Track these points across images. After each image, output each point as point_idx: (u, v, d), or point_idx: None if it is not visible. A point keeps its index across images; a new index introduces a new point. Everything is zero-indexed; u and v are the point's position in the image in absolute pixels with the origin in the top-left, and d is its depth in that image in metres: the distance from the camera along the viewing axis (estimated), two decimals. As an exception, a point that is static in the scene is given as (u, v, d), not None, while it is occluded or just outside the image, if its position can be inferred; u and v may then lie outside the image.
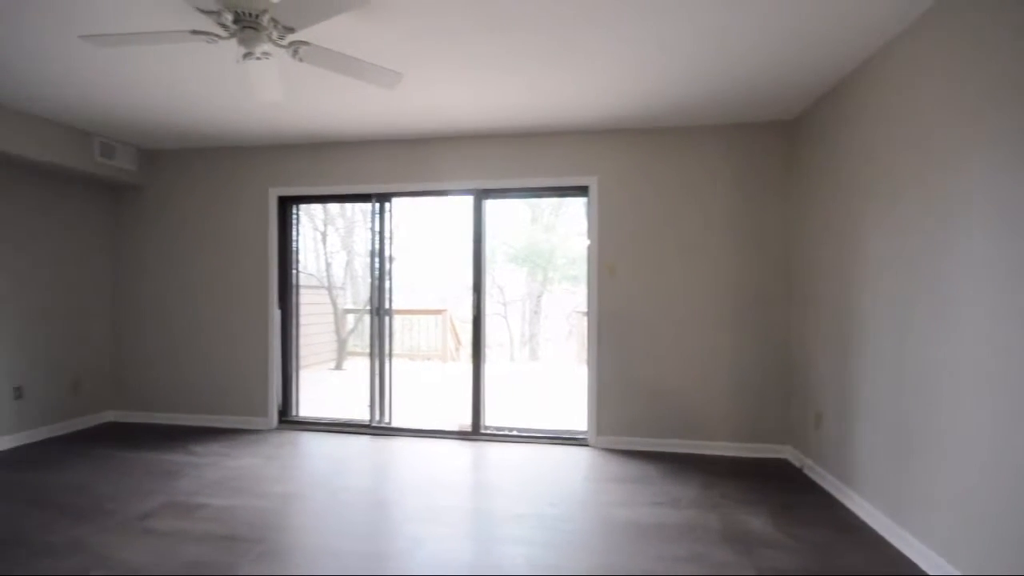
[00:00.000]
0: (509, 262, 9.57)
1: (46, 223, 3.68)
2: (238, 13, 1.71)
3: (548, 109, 3.14)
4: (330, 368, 7.19)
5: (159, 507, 2.54)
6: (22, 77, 2.69)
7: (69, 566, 2.00)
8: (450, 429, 3.82)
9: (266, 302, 3.95)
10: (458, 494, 2.76)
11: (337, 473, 3.06)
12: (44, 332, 3.67)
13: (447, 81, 2.72)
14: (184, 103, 3.07)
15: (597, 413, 3.53)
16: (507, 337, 10.02)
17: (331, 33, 2.14)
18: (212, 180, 4.05)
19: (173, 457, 3.29)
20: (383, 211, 3.89)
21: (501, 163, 3.65)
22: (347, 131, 3.59)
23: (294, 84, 2.73)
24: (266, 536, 2.27)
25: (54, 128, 3.39)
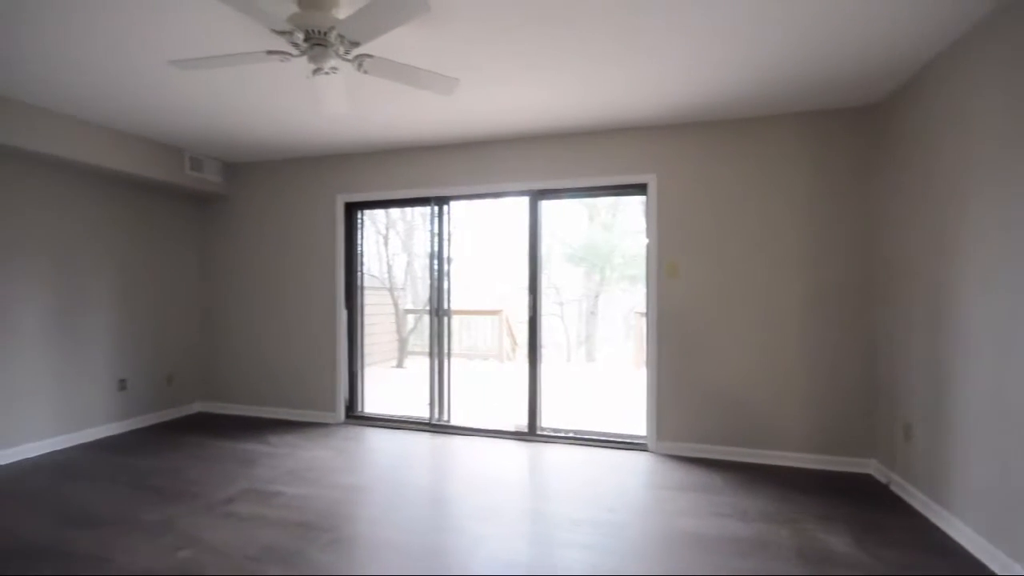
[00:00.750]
0: (566, 262, 9.50)
1: (143, 231, 4.08)
2: (308, 31, 1.81)
3: (604, 106, 3.09)
4: (391, 366, 7.47)
5: (240, 493, 2.74)
6: (122, 101, 3.00)
7: (162, 543, 2.21)
8: (507, 429, 3.84)
9: (334, 303, 4.17)
10: (515, 494, 2.77)
11: (399, 468, 3.16)
12: (143, 330, 4.08)
13: (502, 83, 2.74)
14: (261, 119, 3.30)
15: (657, 417, 3.42)
16: (563, 338, 9.96)
17: (390, 44, 2.22)
18: (286, 189, 4.32)
19: (252, 447, 3.54)
20: (441, 214, 3.99)
21: (556, 163, 3.63)
22: (407, 137, 3.71)
23: (358, 95, 2.86)
24: (335, 525, 2.39)
25: (151, 145, 3.75)
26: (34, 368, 3.35)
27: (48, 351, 3.43)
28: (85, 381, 3.66)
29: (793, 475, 3.02)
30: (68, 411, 3.55)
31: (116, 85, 2.76)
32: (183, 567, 2.02)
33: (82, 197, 3.62)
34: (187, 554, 2.11)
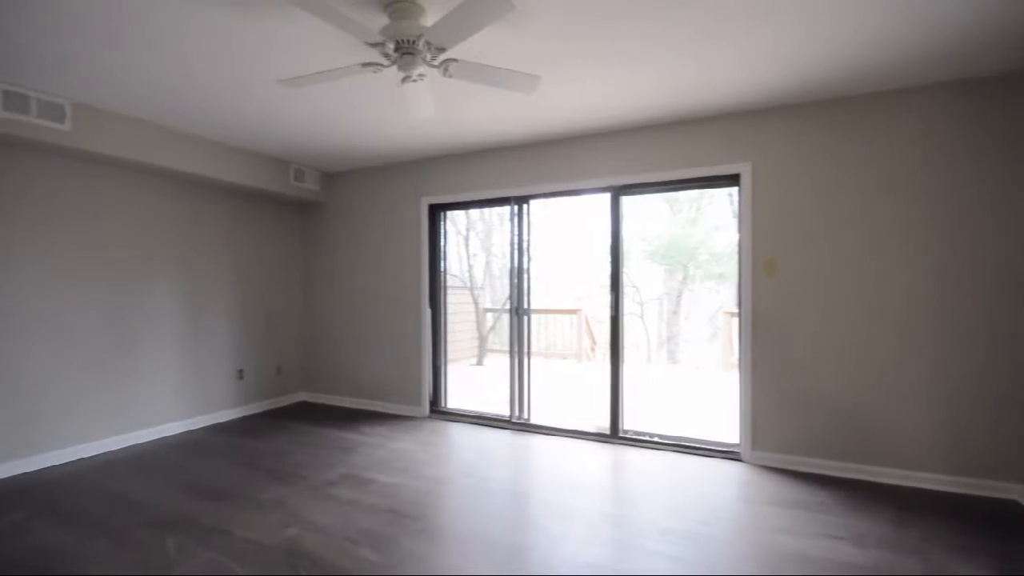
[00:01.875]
0: (646, 260, 9.17)
1: (255, 237, 4.53)
2: (398, 41, 1.90)
3: (691, 94, 2.92)
4: (472, 364, 7.67)
5: (339, 478, 2.95)
6: (239, 120, 3.34)
7: (273, 520, 2.42)
8: (587, 430, 3.78)
9: (419, 302, 4.36)
10: (597, 497, 2.72)
11: (482, 463, 3.23)
12: (256, 326, 4.53)
13: (584, 78, 2.69)
14: (354, 129, 3.52)
15: (753, 425, 3.19)
16: (644, 338, 9.64)
17: (473, 47, 2.26)
18: (376, 194, 4.59)
19: (348, 435, 3.80)
20: (521, 213, 4.01)
21: (639, 157, 3.51)
22: (487, 138, 3.78)
23: (442, 99, 2.95)
24: (423, 515, 2.49)
25: (263, 160, 4.16)
26: (171, 359, 3.85)
27: (181, 345, 3.93)
28: (210, 371, 4.14)
29: (917, 497, 2.66)
30: (197, 397, 4.04)
31: (233, 105, 3.08)
32: (291, 543, 2.20)
33: (204, 210, 4.09)
34: (294, 531, 2.31)
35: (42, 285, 3.13)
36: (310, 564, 2.04)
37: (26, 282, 3.06)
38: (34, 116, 2.76)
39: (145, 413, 3.68)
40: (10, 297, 2.99)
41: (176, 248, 3.88)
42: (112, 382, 3.49)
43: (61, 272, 3.21)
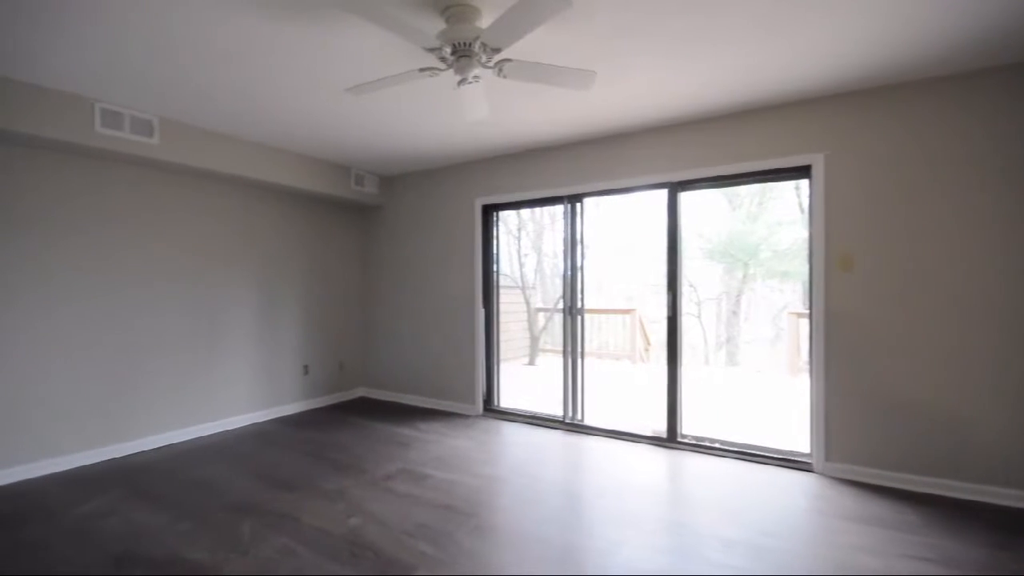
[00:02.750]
0: (704, 258, 8.82)
1: (318, 240, 4.76)
2: (455, 44, 1.92)
3: (754, 84, 2.77)
4: (524, 363, 7.68)
5: (397, 472, 3.04)
6: (302, 128, 3.52)
7: (337, 509, 2.53)
8: (643, 433, 3.68)
9: (473, 301, 4.41)
10: (654, 503, 2.64)
11: (535, 463, 3.22)
12: (320, 323, 4.76)
13: (640, 72, 2.62)
14: (411, 133, 3.61)
15: (826, 434, 2.98)
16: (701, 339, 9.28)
17: (527, 46, 2.25)
18: (431, 196, 4.69)
19: (405, 431, 3.91)
20: (574, 212, 3.97)
21: (698, 151, 3.37)
22: (541, 137, 3.76)
23: (496, 99, 2.97)
24: (478, 512, 2.51)
25: (325, 166, 4.36)
26: (246, 357, 4.12)
27: (256, 343, 4.19)
28: (280, 367, 4.40)
29: (1018, 519, 2.39)
30: (267, 391, 4.30)
31: (300, 115, 3.25)
32: (353, 533, 2.29)
33: (273, 215, 4.35)
34: (356, 522, 2.40)
35: (143, 285, 3.43)
36: (371, 555, 2.11)
37: (129, 283, 3.37)
38: (127, 132, 3.04)
39: (223, 405, 3.96)
40: (119, 297, 3.30)
41: (251, 252, 4.14)
42: (197, 377, 3.78)
43: (159, 274, 3.52)
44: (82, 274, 3.17)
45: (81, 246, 3.16)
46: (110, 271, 3.30)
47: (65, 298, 3.10)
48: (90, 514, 2.49)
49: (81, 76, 2.62)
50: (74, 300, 3.14)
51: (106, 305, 3.29)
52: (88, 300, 3.20)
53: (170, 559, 2.09)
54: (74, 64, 2.49)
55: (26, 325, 2.95)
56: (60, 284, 3.08)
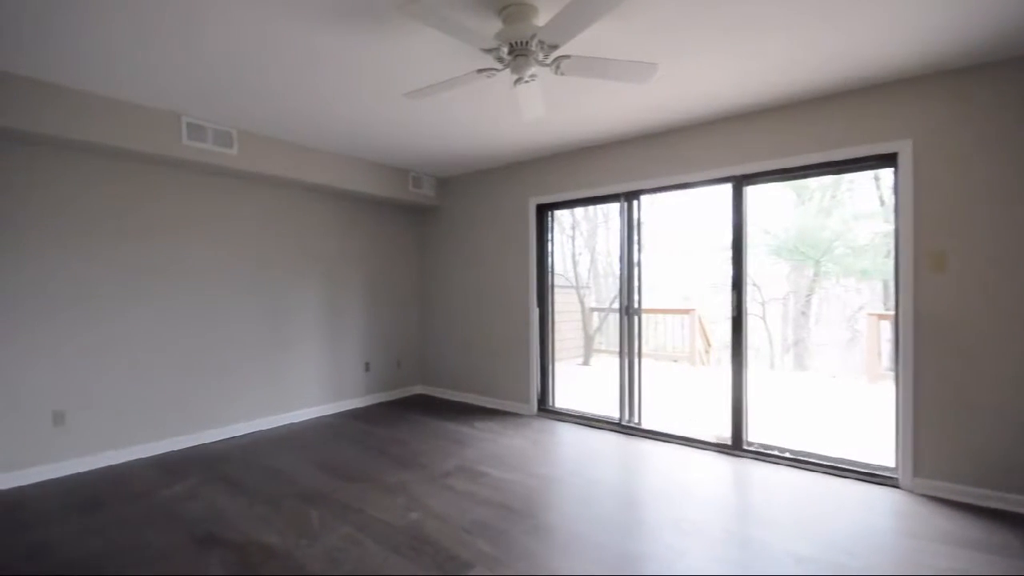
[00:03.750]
0: (770, 255, 8.34)
1: (378, 241, 4.93)
2: (512, 44, 1.92)
3: (831, 66, 2.57)
4: (578, 363, 7.60)
5: (454, 469, 3.09)
6: (364, 134, 3.65)
7: (398, 503, 2.60)
8: (705, 439, 3.52)
9: (527, 301, 4.41)
10: (719, 513, 2.51)
11: (591, 465, 3.17)
12: (380, 322, 4.93)
13: (702, 61, 2.50)
14: (466, 134, 3.66)
15: (915, 447, 2.73)
16: (766, 341, 8.78)
17: (585, 42, 2.21)
18: (485, 196, 4.74)
19: (461, 428, 3.97)
20: (631, 209, 3.87)
21: (766, 142, 3.18)
22: (596, 134, 3.70)
23: (552, 97, 2.94)
24: (535, 512, 2.50)
25: (385, 170, 4.51)
26: (314, 353, 4.34)
27: (319, 339, 4.41)
28: (344, 363, 4.60)
29: None
30: (332, 386, 4.51)
31: (363, 122, 3.37)
32: (414, 527, 2.35)
33: (338, 218, 4.55)
34: (416, 516, 2.46)
35: (219, 287, 3.71)
36: (431, 549, 2.15)
37: (206, 285, 3.64)
38: (210, 144, 3.28)
39: (292, 399, 4.20)
40: (197, 298, 3.58)
41: (316, 253, 4.36)
42: (269, 372, 4.03)
43: (233, 276, 3.78)
44: (164, 278, 3.46)
45: (163, 252, 3.45)
46: (188, 274, 3.58)
47: (148, 299, 3.39)
48: (174, 497, 2.71)
49: (171, 93, 2.86)
50: (156, 301, 3.43)
51: (186, 306, 3.57)
52: (170, 301, 3.49)
53: (247, 542, 2.23)
54: (167, 82, 2.71)
55: (112, 324, 3.25)
56: (143, 287, 3.37)
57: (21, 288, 2.87)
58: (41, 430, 2.93)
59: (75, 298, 3.06)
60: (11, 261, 2.83)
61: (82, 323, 3.08)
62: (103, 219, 3.16)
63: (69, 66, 2.51)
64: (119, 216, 3.22)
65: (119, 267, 3.23)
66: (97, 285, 3.14)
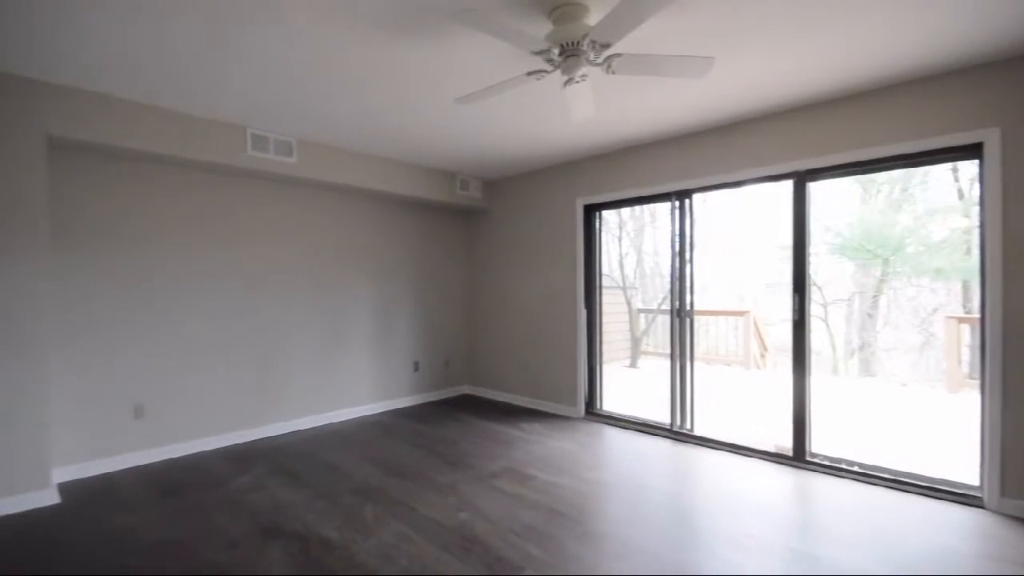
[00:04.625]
0: (832, 254, 7.86)
1: (426, 243, 5.03)
2: (563, 45, 1.90)
3: (903, 53, 2.39)
4: (625, 366, 7.46)
5: (502, 470, 3.10)
6: (415, 140, 3.73)
7: (448, 502, 2.64)
8: (764, 449, 3.36)
9: (575, 302, 4.37)
10: (780, 528, 2.39)
11: (643, 472, 3.09)
12: (429, 322, 5.03)
13: (762, 53, 2.39)
14: (514, 136, 3.67)
15: (1003, 464, 2.49)
16: (828, 345, 8.28)
17: (637, 38, 2.16)
18: (532, 197, 4.74)
19: (508, 430, 3.98)
20: (682, 209, 3.75)
21: (830, 135, 3.00)
22: (646, 132, 3.61)
23: (602, 96, 2.90)
24: (584, 518, 2.47)
25: (433, 173, 4.60)
26: (365, 353, 4.49)
27: (373, 340, 4.55)
28: (393, 362, 4.73)
29: None
30: (382, 384, 4.64)
31: (414, 128, 3.45)
32: (463, 527, 2.37)
33: (388, 222, 4.68)
34: (466, 516, 2.48)
35: (279, 290, 3.90)
36: (481, 550, 2.17)
37: (267, 287, 3.84)
38: (272, 153, 3.46)
39: (346, 396, 4.35)
40: (259, 299, 3.79)
41: (367, 256, 4.51)
42: (325, 371, 4.20)
43: (292, 280, 3.97)
44: (231, 281, 3.67)
45: (229, 256, 3.66)
46: (253, 278, 3.78)
47: (217, 301, 3.61)
48: (242, 487, 2.87)
49: (239, 107, 3.04)
50: (224, 303, 3.65)
51: (250, 307, 3.77)
52: (236, 303, 3.70)
53: (308, 534, 2.32)
54: (236, 97, 2.88)
55: (185, 324, 3.48)
56: (212, 290, 3.59)
57: (106, 291, 3.13)
58: (124, 421, 3.19)
59: (152, 300, 3.30)
60: (99, 266, 3.09)
61: (159, 324, 3.32)
62: (176, 226, 3.39)
63: (152, 84, 2.71)
64: (191, 223, 3.45)
65: (191, 271, 3.46)
66: (171, 288, 3.38)
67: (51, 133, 2.67)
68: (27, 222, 2.59)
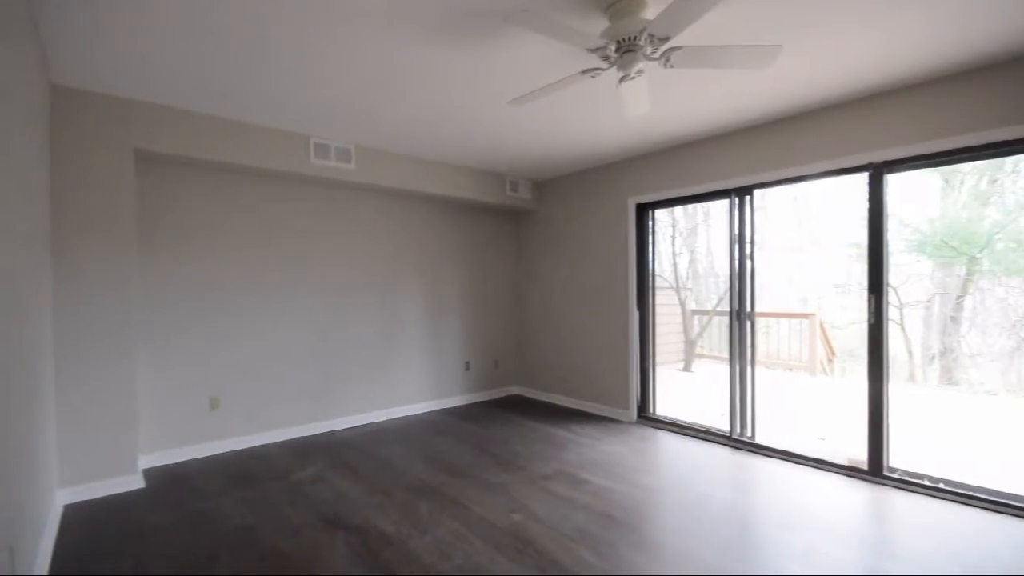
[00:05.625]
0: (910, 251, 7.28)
1: (477, 244, 5.08)
2: (619, 41, 1.86)
3: (995, 29, 2.16)
4: (678, 369, 7.22)
5: (554, 472, 3.07)
6: (467, 143, 3.78)
7: (500, 503, 2.65)
8: (834, 461, 3.15)
9: (626, 303, 4.28)
10: (855, 548, 2.22)
11: (700, 480, 2.98)
12: (479, 323, 5.09)
13: (833, 37, 2.24)
14: (564, 136, 3.64)
15: (1123, 488, 2.20)
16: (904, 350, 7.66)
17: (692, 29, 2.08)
18: (582, 198, 4.68)
19: (559, 432, 3.95)
20: (742, 206, 3.58)
21: (911, 124, 2.77)
22: (701, 128, 3.48)
23: (655, 92, 2.81)
24: (640, 525, 2.40)
25: (484, 175, 4.64)
26: (418, 352, 4.60)
27: (426, 340, 4.65)
28: (445, 362, 4.81)
29: None
30: (435, 384, 4.74)
31: (467, 132, 3.50)
32: (516, 528, 2.37)
33: (440, 224, 4.77)
34: (519, 518, 2.48)
35: (337, 292, 4.07)
36: (534, 552, 2.16)
37: (327, 290, 4.02)
38: (333, 161, 3.61)
39: (399, 395, 4.48)
40: (331, 302, 3.97)
41: (420, 258, 4.61)
42: (381, 370, 4.34)
43: (349, 283, 4.13)
44: (296, 284, 3.87)
45: (293, 260, 3.85)
46: (316, 281, 3.96)
47: (284, 303, 3.81)
48: (306, 479, 3.00)
49: (303, 117, 3.19)
50: (290, 304, 3.84)
51: (314, 308, 3.95)
52: (302, 304, 3.89)
53: (367, 527, 2.40)
54: (300, 107, 3.03)
55: (254, 324, 3.69)
56: (280, 292, 3.79)
57: (182, 293, 3.37)
58: (201, 413, 3.42)
59: (224, 301, 3.52)
60: (175, 269, 3.34)
61: (232, 324, 3.55)
62: (243, 232, 3.60)
63: (225, 100, 2.90)
64: (256, 229, 3.66)
65: (259, 275, 3.66)
66: (242, 291, 3.59)
67: (138, 147, 2.90)
68: (120, 230, 2.84)
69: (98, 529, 2.41)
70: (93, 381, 2.75)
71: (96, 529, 2.41)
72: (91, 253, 2.75)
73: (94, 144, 2.76)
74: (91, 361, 2.75)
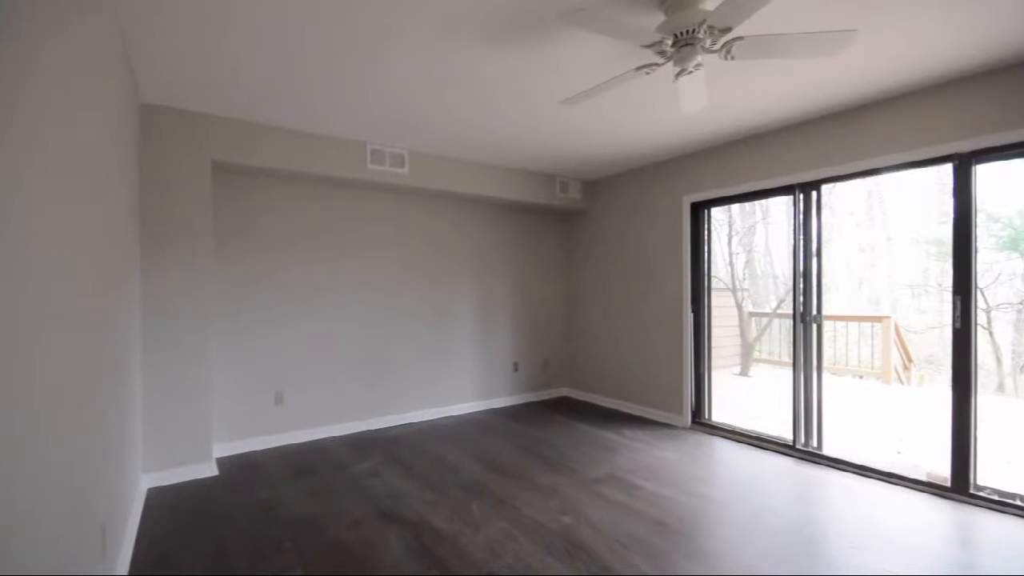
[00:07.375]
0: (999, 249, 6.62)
1: (527, 245, 5.09)
2: (677, 34, 1.80)
3: None
4: (734, 373, 6.92)
5: (605, 476, 3.03)
6: (517, 145, 3.79)
7: (551, 504, 2.63)
8: (912, 476, 2.91)
9: (680, 305, 4.15)
10: (936, 572, 2.04)
11: (760, 491, 2.84)
12: (528, 324, 5.09)
13: (913, 18, 2.07)
14: (616, 135, 3.58)
15: None
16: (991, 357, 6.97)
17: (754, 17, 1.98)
18: (634, 197, 4.59)
19: (609, 435, 3.89)
20: (807, 202, 3.38)
21: (1003, 109, 2.51)
22: (762, 121, 3.32)
23: (712, 85, 2.71)
24: (695, 535, 2.32)
25: (534, 177, 4.64)
26: (467, 351, 4.66)
27: (475, 339, 4.71)
28: (494, 363, 4.85)
29: None
30: (484, 384, 4.78)
31: (516, 134, 3.51)
32: (567, 531, 2.35)
33: (491, 225, 4.81)
34: (569, 520, 2.46)
35: (391, 293, 4.19)
36: (585, 556, 2.13)
37: (381, 291, 4.15)
38: (387, 166, 3.73)
39: (451, 394, 4.55)
40: (387, 302, 4.11)
41: (471, 259, 4.68)
42: (435, 367, 4.44)
43: (402, 284, 4.25)
44: (354, 286, 4.02)
45: (351, 262, 4.01)
46: (372, 283, 4.10)
47: (344, 304, 3.97)
48: (362, 473, 3.11)
49: (360, 124, 3.31)
50: (350, 305, 3.99)
51: (372, 309, 4.09)
52: (360, 305, 4.04)
53: (420, 522, 2.46)
54: (358, 115, 3.15)
55: (317, 324, 3.86)
56: (339, 294, 3.95)
57: (250, 294, 3.58)
58: (267, 407, 3.63)
59: (289, 302, 3.72)
60: (245, 272, 3.55)
61: (296, 323, 3.74)
62: (305, 236, 3.79)
63: (289, 111, 3.06)
64: (316, 233, 3.83)
65: (317, 277, 3.84)
66: (305, 292, 3.78)
67: (215, 159, 3.11)
68: (199, 237, 3.05)
69: (177, 511, 2.60)
70: (174, 377, 2.98)
71: (176, 511, 2.60)
72: (174, 259, 2.97)
73: (176, 157, 2.99)
74: (173, 358, 2.97)
